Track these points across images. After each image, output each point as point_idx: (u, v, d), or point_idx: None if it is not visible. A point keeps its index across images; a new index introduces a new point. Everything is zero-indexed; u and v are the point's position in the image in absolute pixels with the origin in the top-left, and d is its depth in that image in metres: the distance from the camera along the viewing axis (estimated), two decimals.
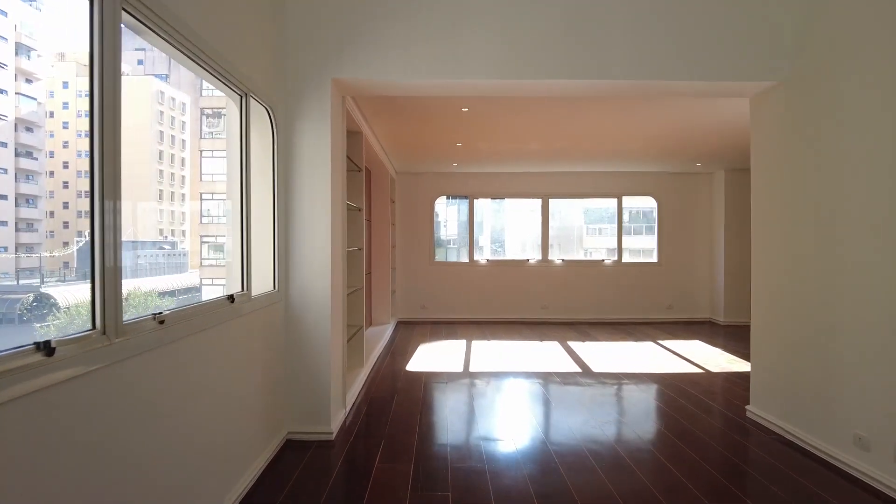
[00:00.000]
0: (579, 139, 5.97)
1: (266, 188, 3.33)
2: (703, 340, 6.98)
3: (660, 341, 6.93)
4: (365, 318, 6.48)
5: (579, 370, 5.32)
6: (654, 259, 8.81)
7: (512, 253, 9.30)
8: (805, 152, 3.33)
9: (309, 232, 3.45)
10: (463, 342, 6.80)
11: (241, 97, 2.84)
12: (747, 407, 3.89)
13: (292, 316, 3.46)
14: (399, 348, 6.40)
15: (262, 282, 3.26)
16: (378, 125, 5.35)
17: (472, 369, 5.35)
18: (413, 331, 7.67)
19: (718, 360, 5.74)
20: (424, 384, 4.76)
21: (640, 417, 3.91)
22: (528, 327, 8.05)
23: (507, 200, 9.23)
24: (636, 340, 6.98)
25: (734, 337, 7.24)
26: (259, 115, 3.24)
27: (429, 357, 5.92)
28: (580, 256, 9.34)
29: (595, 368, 5.39)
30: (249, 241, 2.85)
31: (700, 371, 5.29)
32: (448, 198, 9.02)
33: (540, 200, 8.78)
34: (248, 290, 2.83)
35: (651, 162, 7.65)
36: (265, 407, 3.11)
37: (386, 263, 7.50)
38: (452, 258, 9.14)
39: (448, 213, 9.25)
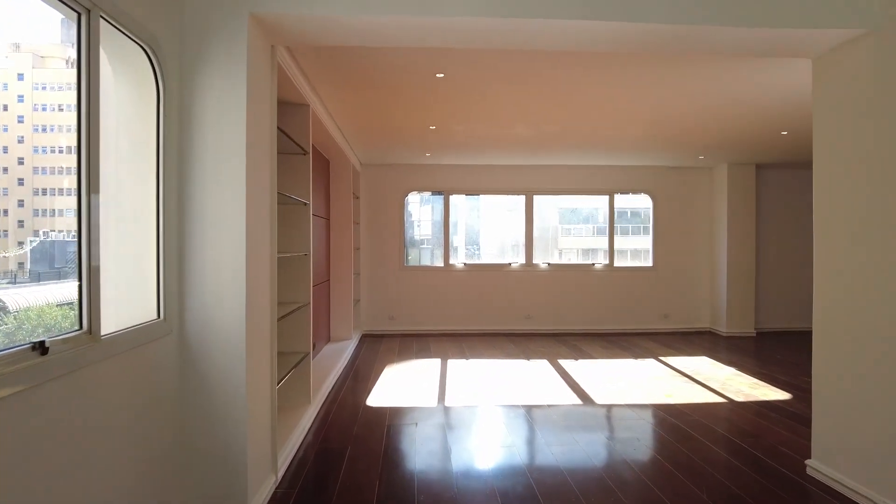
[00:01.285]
0: (575, 121, 5.02)
1: (145, 167, 2.27)
2: (709, 356, 6.13)
3: (662, 358, 6.04)
4: (320, 336, 5.41)
5: (579, 401, 4.36)
6: (649, 263, 7.95)
7: (489, 256, 8.32)
8: None
9: (213, 232, 2.39)
10: (437, 362, 5.78)
11: (80, 15, 1.77)
12: (808, 462, 2.97)
13: (190, 354, 2.40)
14: (361, 372, 5.35)
15: (138, 307, 2.20)
16: (331, 98, 4.30)
17: (448, 402, 4.34)
18: (379, 347, 6.62)
19: (738, 385, 4.86)
20: (388, 427, 3.72)
21: (673, 480, 2.95)
22: (511, 341, 7.08)
23: (482, 197, 8.19)
24: (635, 357, 6.08)
25: (741, 351, 6.41)
26: (132, 57, 2.18)
27: (396, 384, 4.89)
28: (556, 259, 8.43)
29: (597, 398, 4.44)
30: (90, 245, 1.78)
31: (722, 400, 4.39)
32: (420, 194, 7.99)
33: (523, 197, 7.82)
34: (91, 325, 1.77)
35: (648, 154, 6.77)
36: (142, 495, 2.04)
37: (347, 269, 6.44)
38: (426, 262, 8.11)
39: (421, 213, 8.24)
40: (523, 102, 4.33)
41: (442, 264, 7.76)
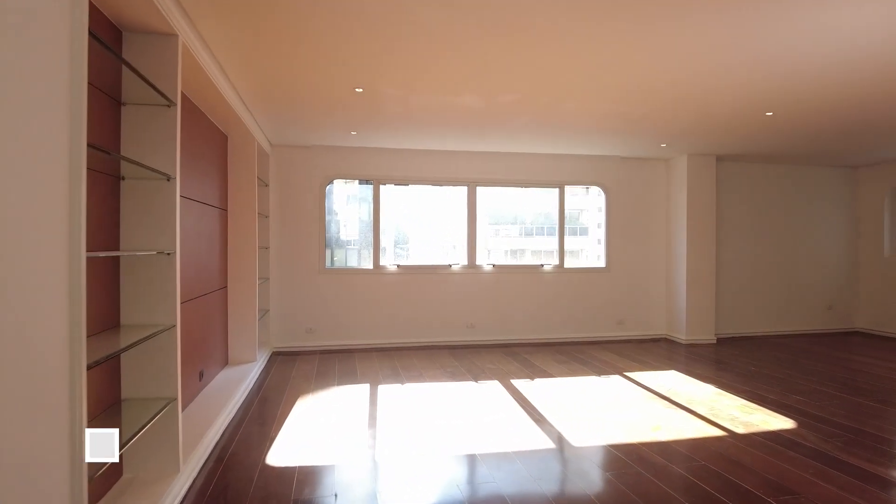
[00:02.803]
0: (536, 89, 4.06)
1: None
2: (678, 370, 5.39)
3: (628, 374, 5.23)
4: (214, 361, 4.01)
5: (551, 444, 3.38)
6: (602, 264, 7.20)
7: (426, 256, 7.24)
8: None
9: None
10: (365, 389, 4.63)
11: None
12: None
13: None
14: (265, 409, 4.10)
15: None
16: (218, 35, 3.06)
17: (379, 454, 3.21)
18: (292, 369, 5.36)
19: (727, 409, 4.09)
20: None
21: None
22: (453, 355, 6.04)
23: (418, 188, 7.02)
24: (598, 374, 5.23)
25: (709, 362, 5.74)
26: None
27: (309, 427, 3.70)
28: (486, 260, 7.52)
29: (572, 438, 3.48)
30: None
31: (721, 433, 3.57)
32: (347, 183, 6.79)
33: (465, 188, 6.82)
34: None
35: (605, 140, 5.97)
36: None
37: (251, 272, 5.13)
38: (352, 263, 6.92)
39: (347, 211, 7.01)
40: (479, 55, 3.29)
41: (371, 266, 6.59)
